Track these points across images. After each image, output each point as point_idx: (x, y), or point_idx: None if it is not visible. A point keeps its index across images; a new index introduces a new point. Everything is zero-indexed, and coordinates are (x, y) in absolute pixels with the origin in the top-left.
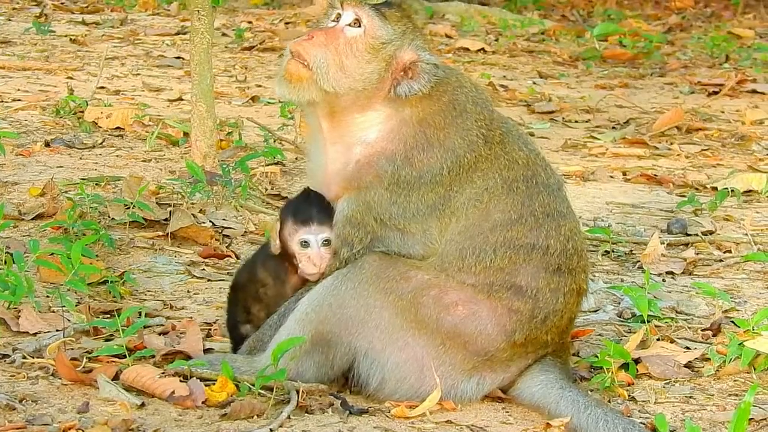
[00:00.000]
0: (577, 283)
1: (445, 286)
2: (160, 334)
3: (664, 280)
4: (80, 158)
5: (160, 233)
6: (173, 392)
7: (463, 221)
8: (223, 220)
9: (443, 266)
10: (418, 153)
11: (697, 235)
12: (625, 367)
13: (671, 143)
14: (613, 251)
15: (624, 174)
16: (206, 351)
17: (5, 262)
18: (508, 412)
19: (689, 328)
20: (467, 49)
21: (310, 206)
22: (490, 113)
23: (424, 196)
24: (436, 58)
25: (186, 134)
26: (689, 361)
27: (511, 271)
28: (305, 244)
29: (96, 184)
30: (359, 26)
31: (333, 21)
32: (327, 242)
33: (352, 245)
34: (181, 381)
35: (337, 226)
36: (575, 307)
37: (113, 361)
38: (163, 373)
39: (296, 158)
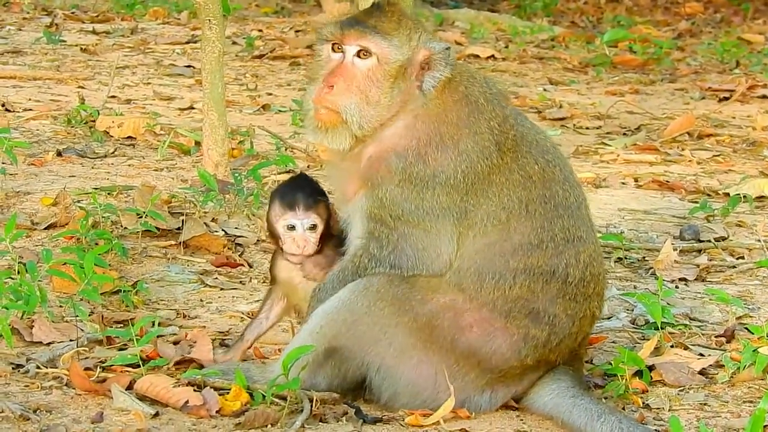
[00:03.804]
0: (592, 309)
1: (461, 309)
2: (173, 344)
3: (677, 287)
4: (92, 167)
5: (173, 242)
6: (187, 402)
7: (482, 239)
8: (236, 228)
9: (461, 286)
10: (433, 151)
11: (709, 241)
12: (639, 374)
13: (682, 149)
14: (625, 258)
15: (636, 180)
16: None
17: (18, 272)
18: (522, 420)
19: (703, 334)
20: (477, 56)
21: (298, 190)
22: (503, 110)
23: (438, 197)
24: (444, 43)
25: (198, 143)
26: (703, 368)
27: (530, 298)
28: (291, 227)
29: (108, 194)
30: (369, 55)
31: (334, 53)
32: (313, 227)
33: (381, 242)
34: (195, 390)
35: (361, 221)
36: (588, 328)
37: (127, 371)
38: (177, 382)
39: (308, 166)
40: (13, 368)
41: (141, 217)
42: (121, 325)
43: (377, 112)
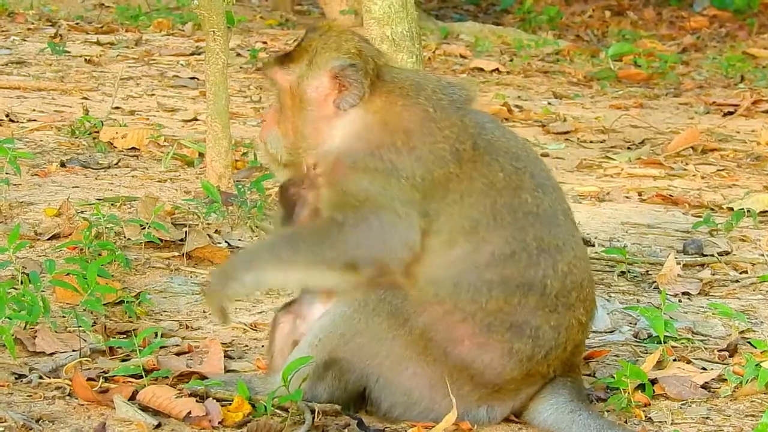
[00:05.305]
0: (577, 317)
1: (453, 321)
2: (177, 355)
3: (680, 301)
4: (96, 178)
5: (176, 254)
6: (190, 413)
7: (454, 250)
8: (239, 240)
9: (438, 297)
10: (386, 152)
11: (713, 255)
12: (641, 387)
13: (687, 164)
14: (628, 272)
15: (639, 194)
16: (227, 371)
17: (21, 283)
18: None
19: (705, 348)
20: (482, 69)
21: None
22: (461, 117)
23: (403, 188)
24: (351, 59)
25: (201, 154)
26: (706, 382)
27: (509, 311)
28: None
29: (112, 205)
30: (275, 88)
31: None
32: None
33: (347, 215)
34: (197, 401)
35: (324, 205)
36: (579, 336)
37: (130, 382)
38: (179, 393)
39: None
40: (15, 378)
41: (144, 228)
42: (124, 335)
43: (295, 139)
